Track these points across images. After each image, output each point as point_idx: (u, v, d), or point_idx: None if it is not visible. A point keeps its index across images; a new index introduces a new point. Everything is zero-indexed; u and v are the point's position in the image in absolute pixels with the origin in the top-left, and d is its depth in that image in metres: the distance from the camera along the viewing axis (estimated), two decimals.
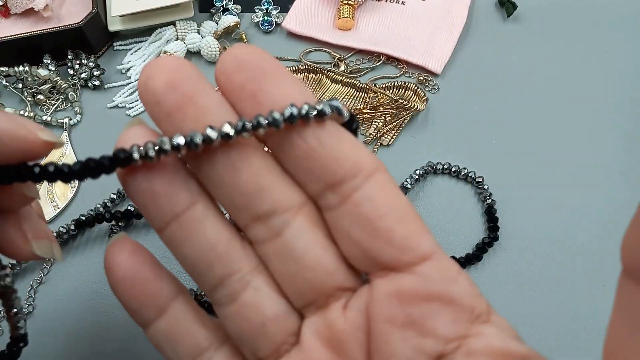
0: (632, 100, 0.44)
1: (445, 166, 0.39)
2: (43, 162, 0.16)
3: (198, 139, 0.15)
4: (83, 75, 0.43)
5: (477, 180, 0.39)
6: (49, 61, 0.43)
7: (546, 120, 0.43)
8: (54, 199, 0.38)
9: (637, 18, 0.49)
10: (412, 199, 0.39)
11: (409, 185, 0.38)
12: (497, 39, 0.47)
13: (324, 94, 0.44)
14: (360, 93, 0.44)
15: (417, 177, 0.39)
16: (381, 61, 0.46)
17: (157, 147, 0.16)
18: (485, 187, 0.39)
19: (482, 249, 0.36)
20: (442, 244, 0.36)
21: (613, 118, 0.43)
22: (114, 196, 0.38)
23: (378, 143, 0.41)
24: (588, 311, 0.35)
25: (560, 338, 0.34)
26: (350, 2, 0.46)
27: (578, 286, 0.36)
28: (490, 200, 0.38)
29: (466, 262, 0.36)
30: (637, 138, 0.42)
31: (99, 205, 0.37)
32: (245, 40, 0.47)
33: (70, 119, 0.42)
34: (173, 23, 0.46)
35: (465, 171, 0.39)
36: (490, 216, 0.38)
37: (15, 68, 0.42)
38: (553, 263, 0.37)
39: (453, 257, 0.36)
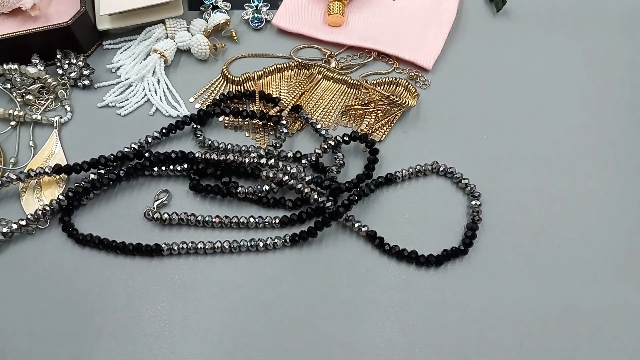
0: (623, 98, 0.44)
1: (450, 170, 0.40)
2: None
3: None
4: (72, 74, 0.43)
5: (474, 194, 0.39)
6: (37, 61, 0.42)
7: (535, 114, 0.43)
8: (41, 198, 0.38)
9: (626, 13, 0.49)
10: (406, 190, 0.40)
11: (399, 177, 0.39)
12: (486, 34, 0.48)
13: (315, 89, 0.44)
14: (352, 89, 0.44)
15: (412, 172, 0.39)
16: (372, 57, 0.46)
17: None
18: (478, 203, 0.38)
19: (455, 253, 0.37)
20: (424, 235, 0.37)
21: (603, 114, 0.43)
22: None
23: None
24: (576, 303, 0.35)
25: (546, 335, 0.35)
26: None
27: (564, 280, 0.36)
28: (477, 217, 0.38)
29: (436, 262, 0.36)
30: (630, 139, 0.43)
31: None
32: (235, 38, 0.46)
33: (61, 117, 0.41)
34: (162, 21, 0.45)
35: (466, 181, 0.39)
36: (470, 229, 0.37)
37: (5, 65, 0.41)
38: (537, 262, 0.37)
39: (431, 254, 0.36)
